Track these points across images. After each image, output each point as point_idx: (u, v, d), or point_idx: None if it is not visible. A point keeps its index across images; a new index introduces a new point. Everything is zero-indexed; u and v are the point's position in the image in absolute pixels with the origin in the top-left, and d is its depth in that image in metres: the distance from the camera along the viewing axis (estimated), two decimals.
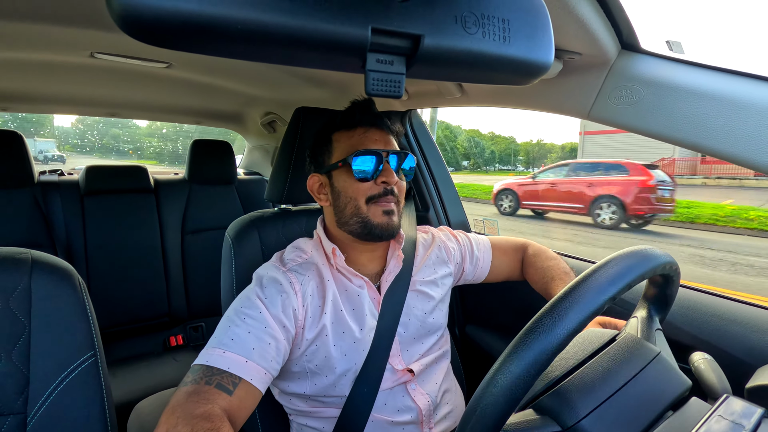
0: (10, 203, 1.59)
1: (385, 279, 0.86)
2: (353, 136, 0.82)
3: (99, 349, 0.69)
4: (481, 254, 1.03)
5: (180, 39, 0.30)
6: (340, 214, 0.82)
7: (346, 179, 0.80)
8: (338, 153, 0.82)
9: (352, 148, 0.80)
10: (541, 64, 0.41)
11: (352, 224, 0.81)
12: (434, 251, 0.97)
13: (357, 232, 0.81)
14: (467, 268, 1.01)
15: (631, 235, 7.46)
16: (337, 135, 0.84)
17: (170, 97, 1.81)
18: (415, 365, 0.85)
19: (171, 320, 1.90)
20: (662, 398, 0.51)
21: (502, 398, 0.42)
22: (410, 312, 0.87)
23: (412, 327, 0.87)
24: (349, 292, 0.83)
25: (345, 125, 0.83)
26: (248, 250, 0.95)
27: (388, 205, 0.80)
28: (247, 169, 2.62)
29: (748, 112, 0.60)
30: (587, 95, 0.78)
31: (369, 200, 0.79)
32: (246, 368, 0.66)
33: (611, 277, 0.47)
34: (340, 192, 0.81)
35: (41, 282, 0.65)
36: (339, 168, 0.81)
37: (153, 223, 1.88)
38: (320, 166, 0.85)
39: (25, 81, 1.47)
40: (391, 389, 0.82)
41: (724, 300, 0.88)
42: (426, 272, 0.93)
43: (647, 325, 0.62)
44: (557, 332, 0.43)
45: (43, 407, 0.63)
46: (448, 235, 1.03)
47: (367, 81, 0.36)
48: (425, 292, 0.90)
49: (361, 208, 0.79)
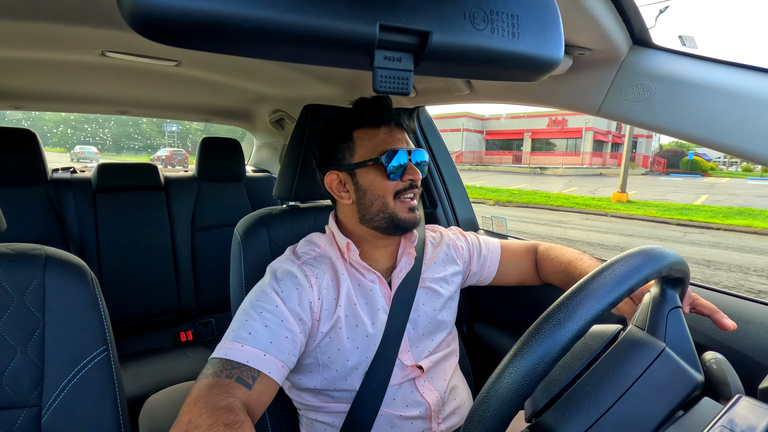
0: (24, 200, 1.62)
1: (396, 275, 0.87)
2: (378, 134, 0.82)
3: (111, 344, 0.70)
4: (489, 254, 1.02)
5: (190, 37, 0.30)
6: (365, 211, 0.83)
7: (374, 177, 0.81)
8: (363, 151, 0.82)
9: (379, 146, 0.81)
10: (550, 60, 0.41)
11: (378, 220, 0.82)
12: (443, 249, 0.98)
13: (383, 227, 0.82)
14: (474, 267, 1.01)
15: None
16: (360, 132, 0.83)
17: (179, 95, 1.83)
18: (424, 362, 0.86)
19: (181, 316, 1.93)
20: (670, 398, 0.50)
21: (510, 393, 0.42)
22: (419, 309, 0.88)
23: (422, 324, 0.87)
24: (363, 286, 0.84)
25: (371, 123, 0.83)
26: (257, 247, 0.95)
27: (412, 202, 0.83)
28: (256, 166, 2.63)
29: (762, 108, 0.59)
30: (598, 91, 0.77)
31: (396, 195, 0.82)
32: (264, 362, 0.67)
33: (618, 277, 0.47)
34: (366, 189, 0.82)
35: (55, 277, 0.66)
36: (367, 166, 0.81)
37: (163, 220, 1.90)
38: (339, 164, 0.85)
39: (38, 80, 1.50)
40: (400, 385, 0.83)
41: (737, 299, 0.87)
42: (435, 270, 0.93)
43: (659, 306, 0.58)
44: (565, 331, 0.43)
45: (57, 400, 0.64)
46: (457, 234, 1.04)
47: (375, 78, 0.36)
48: (435, 289, 0.91)
49: (389, 204, 0.81)
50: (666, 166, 31.56)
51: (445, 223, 1.48)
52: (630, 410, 0.48)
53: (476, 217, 1.56)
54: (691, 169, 28.77)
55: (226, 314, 1.99)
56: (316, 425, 0.84)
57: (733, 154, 0.64)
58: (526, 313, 1.24)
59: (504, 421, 0.42)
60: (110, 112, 2.09)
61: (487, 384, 0.44)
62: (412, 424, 0.83)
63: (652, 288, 0.62)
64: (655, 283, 0.62)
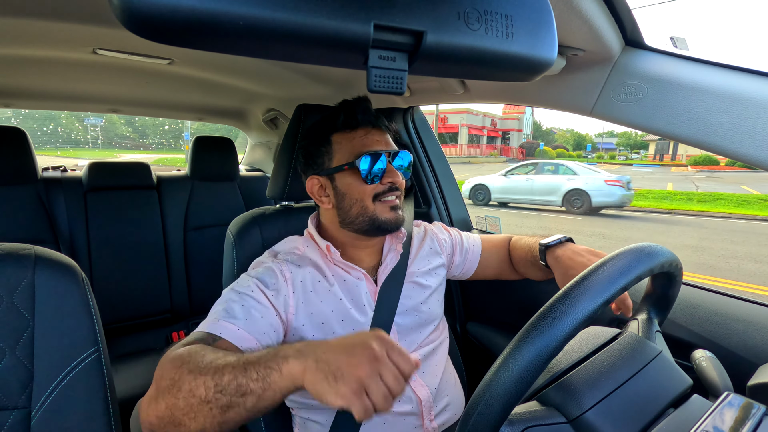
0: (13, 199, 1.60)
1: (382, 272, 0.88)
2: (355, 137, 0.83)
3: (102, 345, 0.69)
4: (471, 248, 1.05)
5: (182, 35, 0.30)
6: (345, 215, 0.84)
7: (351, 181, 0.81)
8: (340, 155, 0.83)
9: (355, 149, 0.81)
10: (544, 60, 0.41)
11: (359, 223, 0.82)
12: (427, 242, 1.00)
13: (364, 229, 0.83)
14: (457, 259, 1.04)
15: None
16: (337, 136, 0.84)
17: (172, 94, 1.81)
18: (413, 355, 0.85)
19: (173, 316, 1.91)
20: (664, 395, 0.51)
21: (506, 390, 0.42)
22: (407, 302, 0.89)
23: (409, 317, 0.88)
24: (348, 282, 0.85)
25: (346, 126, 0.84)
26: (250, 247, 0.95)
27: (393, 202, 0.83)
28: (249, 165, 2.62)
29: (752, 109, 0.60)
30: (590, 92, 0.78)
31: (374, 198, 0.82)
32: (236, 335, 0.68)
33: (614, 274, 0.47)
34: (344, 193, 0.82)
35: (45, 278, 0.65)
36: (344, 171, 0.82)
37: (155, 220, 1.88)
38: (319, 168, 0.86)
39: (28, 77, 1.48)
40: None
41: (726, 297, 0.88)
42: (421, 263, 0.95)
43: (647, 327, 0.62)
44: (558, 330, 0.43)
45: (47, 402, 0.63)
46: (440, 227, 1.06)
47: (369, 78, 0.36)
48: (420, 282, 0.92)
49: (368, 208, 0.81)
50: (525, 154, 41.30)
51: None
52: (628, 399, 0.49)
53: (470, 217, 1.56)
54: (542, 156, 37.91)
55: None
56: (308, 424, 0.84)
57: (723, 155, 0.65)
58: (519, 312, 1.24)
59: (501, 417, 0.43)
60: (101, 110, 2.07)
61: (486, 378, 0.44)
62: (404, 420, 0.83)
63: (638, 314, 0.66)
64: (642, 308, 0.65)
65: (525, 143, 44.72)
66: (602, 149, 55.28)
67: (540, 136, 60.07)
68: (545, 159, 38.25)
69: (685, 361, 0.73)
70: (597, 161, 39.18)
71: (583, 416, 0.47)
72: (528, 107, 11.46)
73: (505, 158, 38.69)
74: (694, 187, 15.15)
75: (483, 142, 40.33)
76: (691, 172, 23.81)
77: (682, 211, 9.76)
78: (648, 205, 10.41)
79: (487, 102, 1.06)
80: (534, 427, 0.47)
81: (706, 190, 13.46)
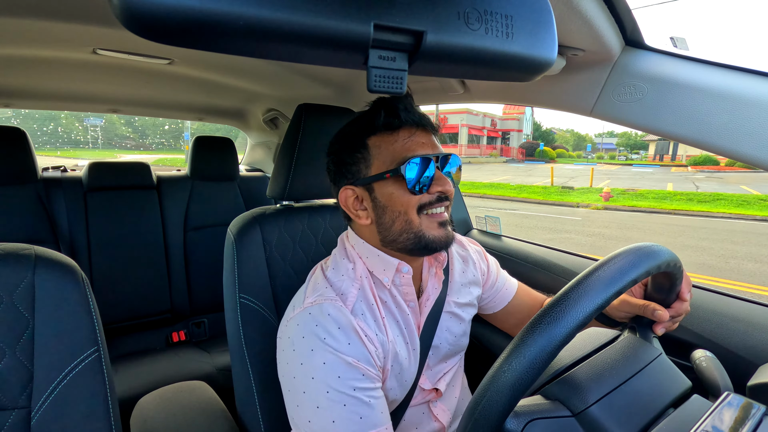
0: (13, 199, 1.60)
1: (424, 303, 0.77)
2: (397, 140, 0.69)
3: (102, 345, 0.69)
4: (503, 289, 0.93)
5: (182, 35, 0.30)
6: (387, 231, 0.71)
7: (393, 191, 0.69)
8: (380, 161, 0.70)
9: (398, 154, 0.68)
10: (544, 60, 0.41)
11: (402, 241, 0.70)
12: (470, 269, 0.88)
13: (409, 248, 0.70)
14: (485, 294, 0.92)
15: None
16: (375, 140, 0.71)
17: (172, 94, 1.81)
18: (440, 383, 0.82)
19: (173, 316, 1.91)
20: (664, 395, 0.51)
21: (515, 379, 0.42)
22: (442, 334, 0.80)
23: (443, 349, 0.81)
24: (398, 318, 0.74)
25: (386, 128, 0.70)
26: (250, 247, 0.95)
27: (442, 216, 0.71)
28: (250, 165, 2.62)
29: (752, 109, 0.60)
30: (590, 92, 0.78)
31: (420, 210, 0.69)
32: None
33: (616, 272, 0.47)
34: (386, 206, 0.70)
35: (45, 278, 0.65)
36: (385, 179, 0.69)
37: (155, 220, 1.88)
38: (354, 178, 0.72)
39: (28, 77, 1.48)
40: (413, 407, 0.80)
41: (726, 298, 0.88)
42: (461, 293, 0.84)
43: (645, 332, 0.63)
44: (561, 326, 0.43)
45: (47, 402, 0.63)
46: (481, 254, 0.94)
47: (369, 78, 0.36)
48: (458, 314, 0.82)
49: (413, 222, 0.68)
50: (525, 155, 42.33)
51: None
52: (630, 396, 0.49)
53: (470, 217, 1.56)
54: (542, 157, 40.48)
55: (219, 314, 1.98)
56: None
57: (723, 155, 0.65)
58: None
59: (501, 417, 0.43)
60: (102, 110, 2.07)
61: (493, 368, 0.45)
62: None
63: (636, 320, 0.66)
64: (636, 321, 0.66)
65: (525, 143, 45.46)
66: (602, 149, 55.78)
67: (540, 137, 60.67)
68: (545, 159, 38.95)
69: (685, 361, 0.73)
70: (597, 161, 40.07)
71: (587, 410, 0.47)
72: (528, 107, 11.63)
73: (505, 158, 39.43)
74: (694, 187, 15.26)
75: (483, 143, 40.75)
76: (691, 173, 23.95)
77: (682, 211, 9.80)
78: (648, 205, 10.45)
79: (487, 102, 1.06)
80: (539, 420, 0.47)
81: (706, 191, 13.54)
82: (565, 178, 18.67)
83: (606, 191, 11.80)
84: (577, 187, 14.44)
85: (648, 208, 10.27)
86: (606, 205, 10.86)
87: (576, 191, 13.49)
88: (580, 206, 10.98)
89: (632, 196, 12.33)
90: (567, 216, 9.23)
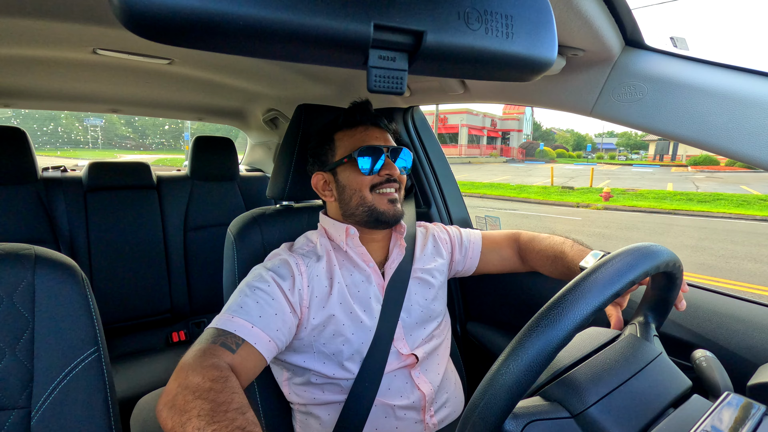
0: (13, 199, 1.60)
1: (388, 266, 0.91)
2: (355, 134, 0.88)
3: (102, 345, 0.69)
4: (470, 245, 1.07)
5: (182, 35, 0.30)
6: (346, 206, 0.88)
7: (350, 174, 0.87)
8: (341, 150, 0.88)
9: (354, 145, 0.86)
10: (544, 60, 0.41)
11: (359, 214, 0.87)
12: (430, 241, 1.03)
13: (364, 221, 0.87)
14: (457, 257, 1.06)
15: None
16: (339, 134, 0.90)
17: (172, 94, 1.81)
18: (418, 351, 0.88)
19: (173, 316, 1.91)
20: (664, 395, 0.51)
21: (514, 380, 0.42)
22: (412, 298, 0.91)
23: (415, 313, 0.91)
24: (355, 276, 0.88)
25: (346, 125, 0.90)
26: (250, 247, 0.95)
27: (391, 193, 0.87)
28: (249, 165, 2.62)
29: (752, 109, 0.60)
30: (590, 92, 0.78)
31: (372, 189, 0.86)
32: (251, 332, 0.71)
33: (615, 273, 0.47)
34: (345, 186, 0.88)
35: (45, 278, 0.65)
36: (344, 164, 0.87)
37: (155, 220, 1.88)
38: (324, 164, 0.91)
39: (28, 77, 1.48)
40: (395, 374, 0.85)
41: (726, 298, 0.88)
42: (425, 260, 0.98)
43: (645, 331, 0.62)
44: (560, 328, 0.43)
45: (47, 402, 0.63)
46: (440, 227, 1.09)
47: (369, 78, 0.36)
48: (426, 279, 0.95)
49: (366, 198, 0.86)
50: (525, 155, 43.53)
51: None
52: (630, 397, 0.49)
53: (470, 217, 1.56)
54: (541, 157, 41.72)
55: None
56: (310, 421, 0.84)
57: (723, 155, 0.65)
58: (519, 313, 1.24)
59: (500, 418, 0.43)
60: (102, 110, 2.07)
61: (492, 369, 0.45)
62: (405, 415, 0.85)
63: (636, 318, 0.66)
64: (640, 312, 0.66)
65: (525, 143, 45.75)
66: (602, 149, 55.94)
67: (540, 137, 60.81)
68: (545, 159, 39.54)
69: (685, 361, 0.73)
70: (597, 161, 40.14)
71: (586, 411, 0.47)
72: (528, 107, 11.79)
73: (505, 159, 39.63)
74: (694, 187, 15.26)
75: (483, 143, 40.99)
76: (691, 173, 23.98)
77: (682, 211, 9.81)
78: (648, 205, 10.45)
79: (487, 102, 1.06)
80: (538, 421, 0.47)
81: (706, 191, 13.54)
82: (565, 178, 18.69)
83: (606, 191, 11.79)
84: (577, 187, 14.43)
85: (648, 208, 10.27)
86: (606, 205, 10.85)
87: (576, 191, 13.49)
88: (580, 206, 10.98)
89: (632, 196, 12.34)
90: (567, 216, 9.25)
